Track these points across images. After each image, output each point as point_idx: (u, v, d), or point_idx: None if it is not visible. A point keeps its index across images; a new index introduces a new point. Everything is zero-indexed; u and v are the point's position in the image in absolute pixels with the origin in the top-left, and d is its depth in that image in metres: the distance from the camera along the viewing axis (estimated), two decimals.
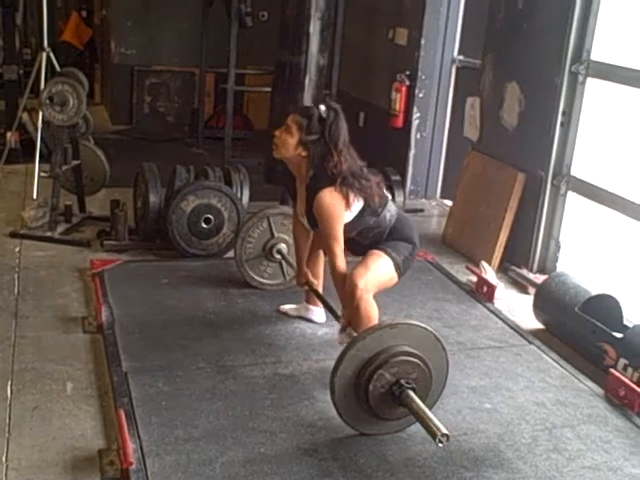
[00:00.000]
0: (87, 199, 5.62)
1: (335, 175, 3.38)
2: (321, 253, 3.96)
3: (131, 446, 2.81)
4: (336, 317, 3.64)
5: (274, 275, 4.50)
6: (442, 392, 3.19)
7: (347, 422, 3.08)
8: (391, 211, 3.58)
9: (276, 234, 4.40)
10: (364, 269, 3.43)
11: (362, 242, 3.56)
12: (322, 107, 3.42)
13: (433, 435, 2.74)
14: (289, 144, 3.43)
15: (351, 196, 3.40)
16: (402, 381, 2.94)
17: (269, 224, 4.40)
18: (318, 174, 3.43)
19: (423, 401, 2.94)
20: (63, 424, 3.04)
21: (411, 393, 2.92)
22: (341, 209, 3.39)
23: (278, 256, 4.41)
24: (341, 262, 3.43)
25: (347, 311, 3.44)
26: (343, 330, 3.46)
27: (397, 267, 3.52)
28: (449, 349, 3.19)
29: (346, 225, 3.45)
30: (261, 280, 4.48)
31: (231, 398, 3.29)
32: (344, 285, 3.42)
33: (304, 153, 3.43)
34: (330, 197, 3.37)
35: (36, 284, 4.36)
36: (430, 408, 2.98)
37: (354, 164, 3.46)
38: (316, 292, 3.92)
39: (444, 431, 2.71)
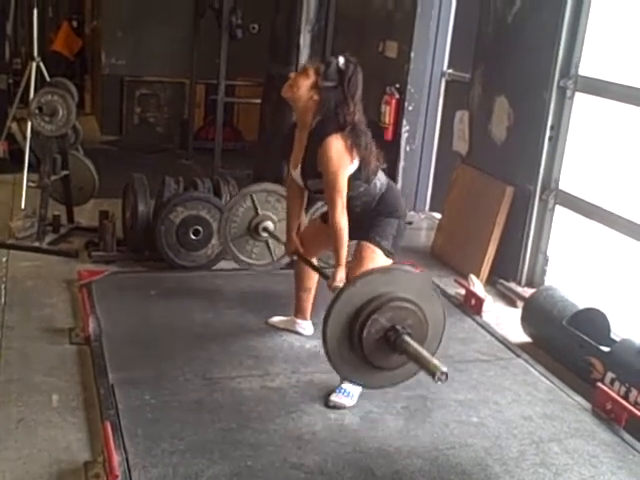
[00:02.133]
0: (75, 210, 5.60)
1: (346, 123, 3.36)
2: (314, 261, 3.93)
3: (117, 459, 2.79)
4: (326, 278, 3.56)
5: (261, 255, 4.42)
6: (438, 347, 3.09)
7: (340, 372, 3.00)
8: (381, 180, 3.57)
9: (260, 211, 4.31)
10: (361, 270, 3.38)
11: (351, 211, 3.47)
12: (341, 59, 3.40)
13: (432, 374, 2.66)
14: (303, 85, 3.39)
15: (354, 150, 3.37)
16: (398, 326, 2.85)
17: (252, 201, 4.30)
18: (326, 121, 3.39)
19: None
20: (49, 436, 3.02)
21: (407, 337, 2.83)
22: (347, 158, 3.36)
23: (264, 234, 4.31)
24: (342, 215, 3.38)
25: (337, 270, 3.40)
26: (331, 286, 3.38)
27: (388, 253, 3.52)
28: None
29: None
30: (248, 261, 4.40)
31: (218, 411, 3.28)
32: (342, 239, 3.38)
33: (316, 97, 3.39)
34: (338, 143, 3.34)
35: (23, 295, 4.34)
36: None
37: (364, 121, 3.45)
38: (305, 260, 3.85)
39: (444, 369, 2.64)
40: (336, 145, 3.34)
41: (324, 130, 3.38)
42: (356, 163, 3.42)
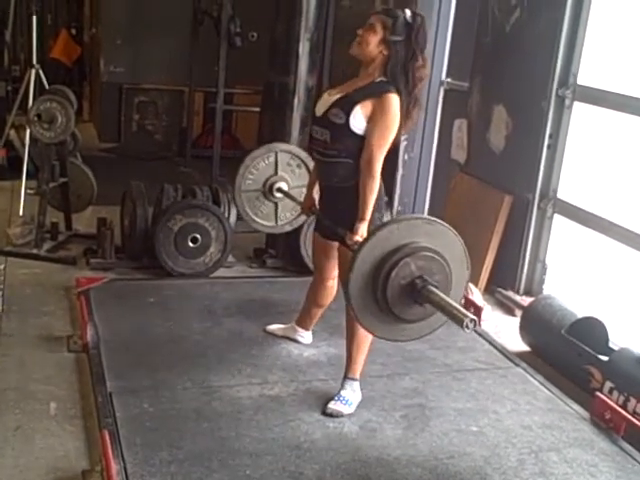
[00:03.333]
0: (74, 217, 5.60)
1: (415, 79, 3.29)
2: (334, 285, 3.81)
3: (115, 467, 2.78)
4: (339, 235, 3.40)
5: (267, 216, 4.39)
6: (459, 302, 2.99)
7: (358, 316, 2.92)
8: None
9: (280, 172, 4.27)
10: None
11: (327, 178, 3.41)
12: (408, 11, 3.34)
13: (460, 322, 2.61)
14: (372, 41, 3.31)
15: (402, 118, 3.30)
16: (426, 277, 2.79)
17: (275, 159, 4.26)
18: (390, 81, 3.30)
19: None
20: (46, 444, 3.01)
21: (434, 288, 2.77)
22: (398, 122, 3.28)
23: (279, 194, 4.26)
24: (378, 167, 3.26)
25: (364, 222, 3.27)
26: (352, 239, 3.25)
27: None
28: (436, 371, 3.19)
29: (355, 135, 3.29)
30: (253, 217, 4.37)
31: (217, 419, 3.27)
32: (371, 190, 3.25)
33: (385, 52, 3.31)
34: (397, 103, 3.26)
35: (21, 302, 4.33)
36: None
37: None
38: (319, 218, 3.68)
39: (472, 317, 2.60)
40: (395, 104, 3.26)
41: (387, 86, 3.28)
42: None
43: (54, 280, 4.70)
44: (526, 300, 4.80)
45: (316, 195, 3.73)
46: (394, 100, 3.26)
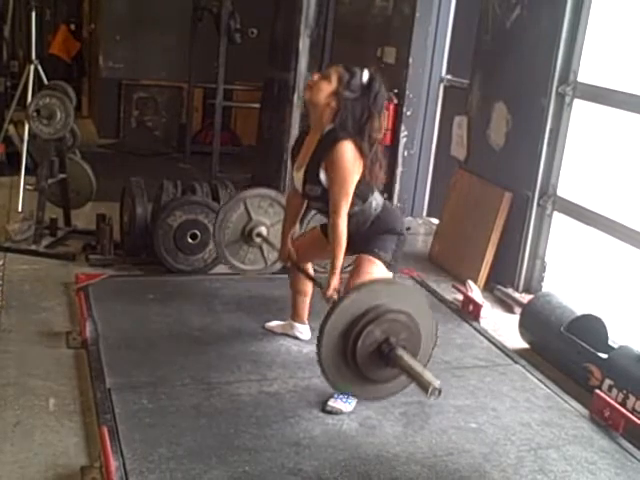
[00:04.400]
0: (73, 213, 5.59)
1: (371, 139, 3.35)
2: (308, 267, 3.92)
3: (114, 464, 2.78)
4: (319, 286, 3.56)
5: (255, 261, 4.42)
6: (427, 363, 3.09)
7: (333, 383, 3.01)
8: (377, 200, 3.55)
9: (254, 217, 4.30)
10: (359, 281, 3.39)
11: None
12: (366, 72, 3.39)
13: (425, 389, 2.67)
14: (323, 90, 3.36)
15: (363, 160, 3.36)
16: (392, 339, 2.86)
17: (245, 207, 4.29)
18: (339, 128, 3.37)
19: None
20: (45, 440, 3.00)
21: (400, 350, 2.84)
22: (357, 165, 3.35)
23: (258, 239, 4.30)
24: (344, 221, 3.35)
25: (332, 278, 3.38)
26: (326, 299, 3.37)
27: (388, 265, 3.51)
28: (435, 368, 3.18)
29: None
30: (242, 266, 4.40)
31: (216, 416, 3.26)
32: (340, 245, 3.36)
33: (334, 105, 3.36)
34: (350, 148, 3.32)
35: (20, 298, 4.32)
36: None
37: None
38: (298, 267, 3.84)
39: (437, 384, 2.64)
40: (348, 151, 3.33)
41: (337, 135, 3.35)
42: (359, 175, 3.40)
43: (53, 276, 4.70)
44: (525, 297, 4.80)
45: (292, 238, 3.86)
46: (345, 147, 3.33)
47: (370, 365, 2.90)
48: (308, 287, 3.97)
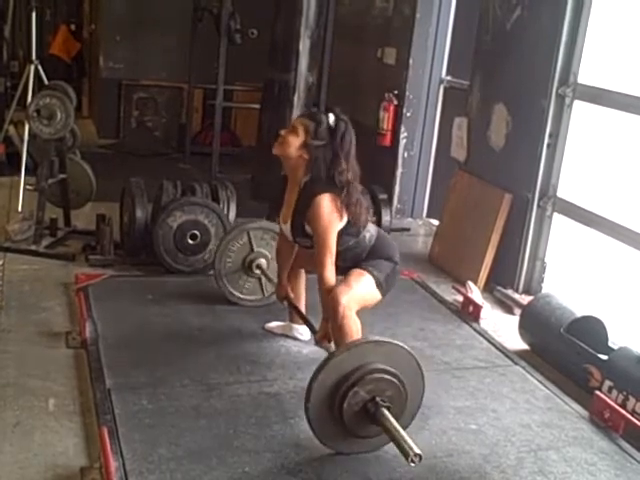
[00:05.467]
0: (73, 213, 5.59)
1: (341, 183, 3.38)
2: (302, 272, 3.95)
3: (114, 464, 2.78)
4: (314, 332, 3.63)
5: (253, 291, 4.47)
6: (417, 412, 3.15)
7: (322, 441, 3.05)
8: (371, 231, 3.58)
9: (255, 248, 4.37)
10: (347, 287, 3.41)
11: (341, 264, 3.50)
12: (331, 116, 3.42)
13: (406, 455, 2.70)
14: (292, 144, 3.41)
15: (344, 209, 3.39)
16: (377, 399, 2.90)
17: (249, 238, 4.36)
18: (316, 179, 3.42)
19: (397, 420, 2.90)
20: (45, 441, 3.00)
21: (385, 412, 2.89)
22: (336, 217, 3.38)
23: (257, 271, 4.37)
24: (331, 275, 3.39)
25: (325, 324, 3.43)
26: (318, 343, 3.46)
27: (379, 285, 3.51)
28: (435, 369, 3.19)
29: None
30: (239, 295, 4.45)
31: (216, 416, 3.26)
32: (326, 289, 3.40)
33: (306, 156, 3.41)
34: (327, 203, 3.35)
35: (20, 298, 4.32)
36: (405, 427, 2.93)
37: (357, 178, 3.47)
38: (295, 308, 3.91)
39: (417, 451, 2.67)
40: (325, 204, 3.35)
41: (313, 189, 3.39)
42: (345, 220, 3.43)
43: (53, 276, 4.70)
44: (525, 298, 4.80)
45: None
46: (321, 202, 3.36)
47: (357, 422, 2.96)
48: (301, 289, 3.99)
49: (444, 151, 6.24)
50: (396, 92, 6.55)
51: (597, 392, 3.60)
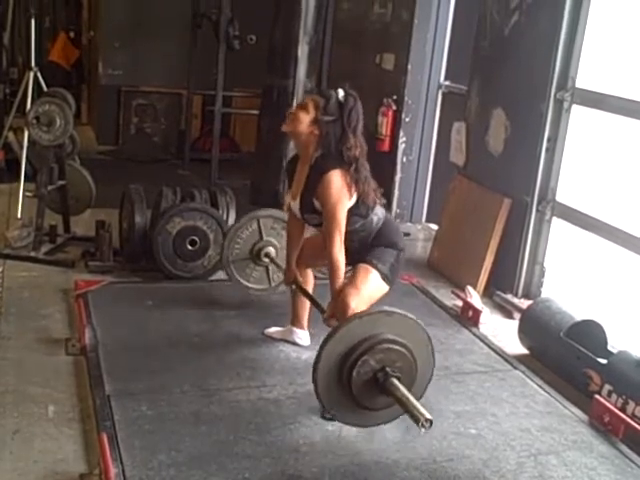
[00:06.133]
0: (72, 219, 5.59)
1: (349, 158, 3.39)
2: (310, 275, 3.95)
3: (113, 471, 2.78)
4: (323, 312, 3.59)
5: (260, 280, 4.45)
6: (426, 388, 3.13)
7: (330, 412, 3.03)
8: (378, 214, 3.58)
9: (265, 237, 4.35)
10: (354, 289, 3.43)
11: (348, 244, 3.49)
12: (341, 91, 3.43)
13: (416, 421, 2.69)
14: (303, 120, 3.42)
15: (353, 186, 3.40)
16: (387, 369, 2.89)
17: (258, 226, 4.34)
18: (326, 155, 3.42)
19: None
20: (44, 448, 3.00)
21: (395, 381, 2.87)
22: (346, 193, 3.39)
23: (266, 259, 4.35)
24: (339, 250, 3.39)
25: (333, 303, 3.42)
26: (326, 321, 3.43)
27: (385, 278, 3.54)
28: (434, 373, 3.17)
29: None
30: (246, 284, 4.43)
31: (215, 422, 3.26)
32: (337, 274, 3.41)
33: (316, 132, 3.42)
34: (337, 179, 3.37)
35: (19, 305, 4.32)
36: None
37: (364, 154, 3.48)
38: (304, 291, 3.88)
39: (428, 416, 2.66)
40: (335, 180, 3.37)
41: (324, 165, 3.40)
42: (354, 198, 3.44)
43: (52, 283, 4.70)
44: (525, 303, 4.80)
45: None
46: (332, 177, 3.37)
47: (365, 393, 2.94)
48: (308, 289, 3.97)
49: (443, 156, 6.25)
50: (395, 97, 6.56)
51: (597, 396, 3.60)
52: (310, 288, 3.98)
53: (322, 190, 3.39)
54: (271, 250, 4.35)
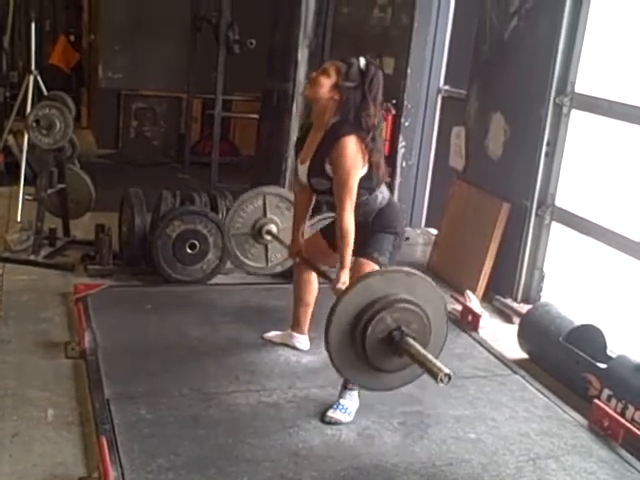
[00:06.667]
0: (72, 223, 5.59)
1: (367, 126, 3.37)
2: (313, 279, 3.93)
3: (112, 474, 2.77)
4: (330, 280, 3.54)
5: (258, 258, 4.44)
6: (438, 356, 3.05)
7: (339, 368, 2.99)
8: (383, 193, 3.57)
9: (268, 214, 4.32)
10: None
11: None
12: (362, 59, 3.43)
13: (435, 376, 2.67)
14: (324, 85, 3.40)
15: (367, 154, 3.39)
16: (403, 328, 2.86)
17: (264, 202, 4.31)
18: (344, 121, 3.41)
19: None
20: (43, 451, 3.00)
21: (411, 340, 2.83)
22: (360, 160, 3.37)
23: (268, 237, 4.32)
24: (350, 216, 3.36)
25: (341, 272, 3.38)
26: (334, 290, 3.35)
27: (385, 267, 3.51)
28: None
29: None
30: (244, 260, 4.42)
31: (214, 426, 3.26)
32: (347, 241, 3.37)
33: (337, 97, 3.40)
34: (353, 144, 3.35)
35: (19, 308, 4.32)
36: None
37: (381, 126, 3.48)
38: (308, 262, 3.84)
39: (446, 371, 2.65)
40: (351, 146, 3.35)
41: (341, 130, 3.38)
42: (366, 168, 3.43)
43: (52, 286, 4.70)
44: (524, 307, 4.80)
45: (303, 238, 3.85)
46: (347, 143, 3.35)
47: (378, 352, 2.88)
48: (312, 298, 3.97)
49: (442, 160, 6.25)
50: (394, 101, 6.56)
51: (596, 401, 3.60)
52: (313, 297, 3.97)
53: (337, 155, 3.36)
54: (273, 227, 4.31)
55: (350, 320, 2.87)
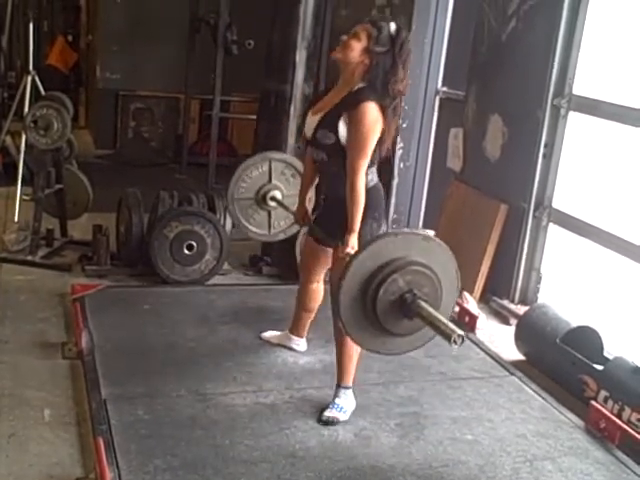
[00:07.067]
0: (69, 223, 5.59)
1: (394, 92, 3.33)
2: (319, 288, 3.89)
3: (109, 475, 2.77)
4: (334, 244, 3.45)
5: (260, 224, 4.40)
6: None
7: (347, 329, 2.96)
8: (373, 174, 3.49)
9: (273, 180, 4.27)
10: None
11: (335, 187, 3.43)
12: (393, 24, 3.39)
13: (448, 337, 2.65)
14: (355, 48, 3.34)
15: (385, 123, 3.33)
16: (415, 291, 2.83)
17: (269, 168, 4.27)
18: (369, 87, 3.35)
19: None
20: (40, 451, 3.00)
21: (423, 302, 2.81)
22: (379, 126, 3.32)
23: (272, 203, 4.27)
24: (361, 180, 3.31)
25: (348, 237, 3.31)
26: (342, 254, 3.29)
27: None
28: (431, 379, 3.19)
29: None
30: (246, 225, 4.38)
31: (211, 427, 3.26)
32: (358, 204, 3.30)
33: (367, 61, 3.35)
34: (374, 110, 3.29)
35: (16, 308, 4.32)
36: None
37: (406, 91, 3.42)
38: (314, 228, 3.73)
39: (459, 332, 2.63)
40: (372, 112, 3.29)
41: (365, 94, 3.32)
42: (377, 137, 3.36)
43: (49, 287, 4.69)
44: (521, 309, 4.81)
45: (309, 204, 3.79)
46: (370, 108, 3.29)
47: (389, 314, 2.85)
48: (316, 305, 3.95)
49: (440, 162, 6.25)
50: None
51: (593, 402, 3.60)
52: (317, 305, 3.94)
53: (357, 117, 3.29)
54: (277, 194, 4.26)
55: (361, 284, 2.83)
